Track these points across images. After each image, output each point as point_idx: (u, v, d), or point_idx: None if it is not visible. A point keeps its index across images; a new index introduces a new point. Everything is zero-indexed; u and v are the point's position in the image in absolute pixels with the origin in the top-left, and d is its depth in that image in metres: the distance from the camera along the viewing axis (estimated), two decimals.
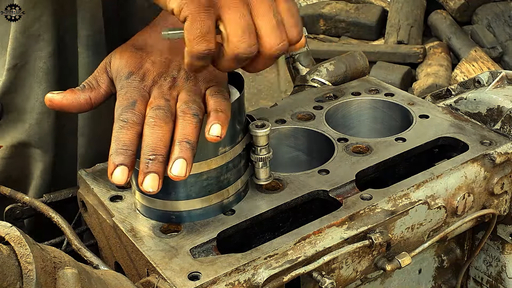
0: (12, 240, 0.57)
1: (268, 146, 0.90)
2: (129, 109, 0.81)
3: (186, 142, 0.78)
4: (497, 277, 1.16)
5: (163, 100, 0.82)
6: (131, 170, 0.78)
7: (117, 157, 0.77)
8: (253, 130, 0.89)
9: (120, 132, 0.79)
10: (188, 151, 0.78)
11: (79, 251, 0.90)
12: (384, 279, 1.05)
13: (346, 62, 1.32)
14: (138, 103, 0.81)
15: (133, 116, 0.80)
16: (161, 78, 0.84)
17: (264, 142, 0.90)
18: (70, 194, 1.06)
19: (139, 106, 0.81)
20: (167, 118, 0.80)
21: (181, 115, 0.80)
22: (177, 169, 0.77)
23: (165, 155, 0.78)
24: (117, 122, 0.80)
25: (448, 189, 0.97)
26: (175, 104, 0.82)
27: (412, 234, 0.94)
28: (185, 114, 0.80)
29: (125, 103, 0.82)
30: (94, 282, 0.65)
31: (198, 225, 0.87)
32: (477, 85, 1.18)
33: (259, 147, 0.90)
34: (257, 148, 0.90)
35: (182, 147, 0.78)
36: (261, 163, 0.91)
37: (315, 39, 5.02)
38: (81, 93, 0.86)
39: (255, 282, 0.79)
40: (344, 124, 1.20)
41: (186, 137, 0.78)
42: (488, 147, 1.02)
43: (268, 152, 0.90)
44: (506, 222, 1.10)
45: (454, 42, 4.49)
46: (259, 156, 0.90)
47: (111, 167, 0.77)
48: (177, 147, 0.78)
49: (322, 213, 0.90)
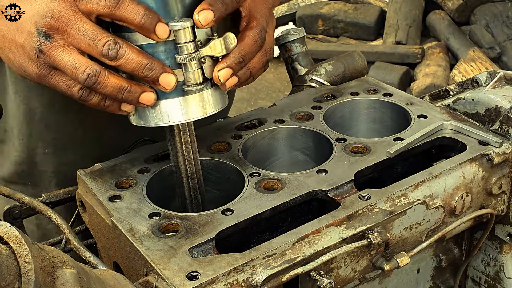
0: (11, 240, 0.57)
1: (192, 43, 0.84)
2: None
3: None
4: (495, 277, 1.16)
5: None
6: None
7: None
8: (170, 24, 0.83)
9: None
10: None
11: (78, 251, 0.90)
12: (383, 279, 1.05)
13: (345, 62, 1.32)
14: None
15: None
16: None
17: (184, 38, 0.84)
18: (68, 194, 1.06)
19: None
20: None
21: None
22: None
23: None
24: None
25: (446, 189, 0.97)
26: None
27: (410, 234, 0.94)
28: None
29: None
30: (93, 282, 0.65)
31: (197, 225, 0.87)
32: (475, 85, 1.18)
33: (180, 45, 0.85)
34: (178, 47, 0.85)
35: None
36: (187, 64, 0.85)
37: (314, 39, 5.03)
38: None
39: (253, 281, 0.79)
40: (343, 124, 1.20)
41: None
42: (486, 147, 1.02)
43: (192, 50, 0.84)
44: (504, 222, 1.10)
45: (452, 42, 4.50)
46: (180, 56, 0.85)
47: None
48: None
49: (321, 213, 0.90)
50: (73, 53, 0.84)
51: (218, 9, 0.85)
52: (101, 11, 0.83)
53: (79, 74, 0.84)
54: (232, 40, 0.88)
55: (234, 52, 0.88)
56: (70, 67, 0.84)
